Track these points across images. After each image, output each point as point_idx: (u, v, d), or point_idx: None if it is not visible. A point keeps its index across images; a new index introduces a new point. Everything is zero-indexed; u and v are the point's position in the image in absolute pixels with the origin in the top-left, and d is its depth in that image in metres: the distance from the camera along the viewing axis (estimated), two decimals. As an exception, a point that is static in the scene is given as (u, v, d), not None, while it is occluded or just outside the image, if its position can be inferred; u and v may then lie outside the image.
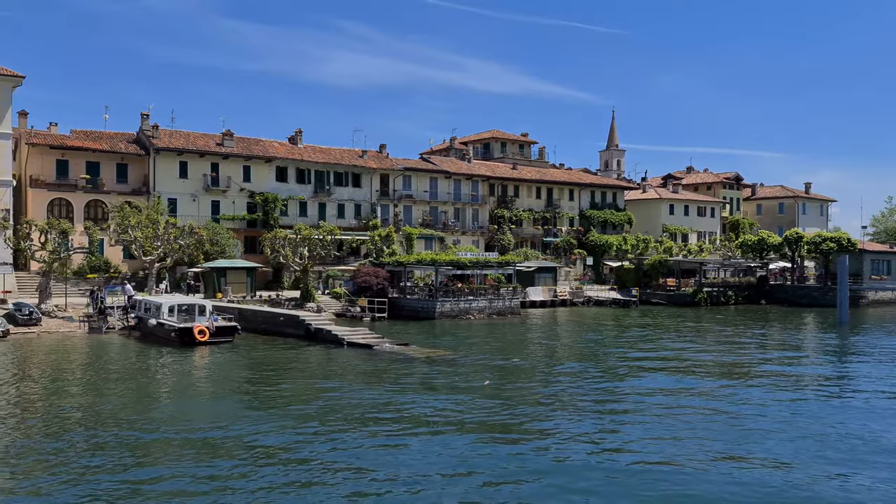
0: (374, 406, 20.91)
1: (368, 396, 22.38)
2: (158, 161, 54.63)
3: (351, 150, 66.95)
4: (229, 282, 47.78)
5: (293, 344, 34.98)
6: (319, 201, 62.43)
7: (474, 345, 36.10)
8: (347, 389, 23.76)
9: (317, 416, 19.67)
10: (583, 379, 25.94)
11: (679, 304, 62.39)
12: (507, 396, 22.44)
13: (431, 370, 27.61)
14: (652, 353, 33.12)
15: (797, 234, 66.30)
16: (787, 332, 44.50)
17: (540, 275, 63.12)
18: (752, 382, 25.43)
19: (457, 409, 20.59)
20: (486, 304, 50.85)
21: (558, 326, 47.18)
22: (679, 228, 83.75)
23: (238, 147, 58.99)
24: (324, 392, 23.35)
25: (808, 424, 18.92)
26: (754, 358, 32.27)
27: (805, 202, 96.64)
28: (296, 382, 25.38)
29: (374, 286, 49.78)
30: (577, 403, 21.56)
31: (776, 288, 67.46)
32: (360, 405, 21.07)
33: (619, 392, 23.46)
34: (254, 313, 39.58)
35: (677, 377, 26.15)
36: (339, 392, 23.32)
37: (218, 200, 57.34)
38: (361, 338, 33.88)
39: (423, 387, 24.10)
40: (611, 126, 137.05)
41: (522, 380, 25.75)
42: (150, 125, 55.75)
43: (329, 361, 30.10)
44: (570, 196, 78.69)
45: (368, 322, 46.53)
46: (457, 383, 24.63)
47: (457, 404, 21.14)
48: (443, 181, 69.63)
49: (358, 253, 61.67)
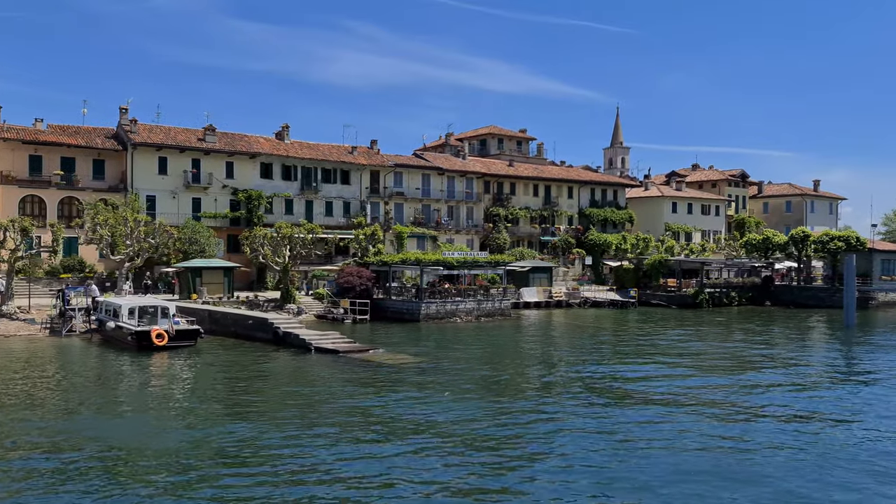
0: (316, 418, 18.79)
1: (315, 406, 20.27)
2: (136, 157, 52.70)
3: (340, 146, 64.87)
4: (205, 282, 45.75)
5: (260, 349, 32.92)
6: (306, 199, 60.38)
7: (452, 350, 33.93)
8: (296, 399, 21.65)
9: (251, 431, 17.57)
10: (558, 395, 23.72)
11: (680, 305, 59.99)
12: (464, 416, 20.26)
13: (395, 379, 25.47)
14: (637, 366, 30.82)
15: (803, 233, 63.73)
16: (787, 337, 42.06)
17: (534, 275, 60.84)
18: (742, 414, 23.15)
19: (407, 424, 18.44)
20: (475, 306, 48.63)
21: (548, 330, 44.93)
22: (682, 227, 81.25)
23: (221, 143, 57.01)
24: (268, 402, 21.24)
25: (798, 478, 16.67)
26: (744, 380, 29.95)
27: (814, 200, 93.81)
28: (244, 392, 23.28)
29: (356, 287, 47.66)
30: (542, 432, 19.34)
31: (781, 289, 64.91)
32: (300, 416, 18.95)
33: (598, 417, 21.23)
34: (224, 316, 37.56)
35: (664, 408, 23.76)
36: (285, 402, 21.21)
37: (199, 198, 55.37)
38: (331, 342, 31.78)
39: (377, 398, 21.94)
40: (615, 123, 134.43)
41: (490, 393, 23.53)
42: (129, 119, 53.82)
43: (290, 368, 28.01)
44: (568, 194, 76.36)
45: (349, 325, 44.49)
46: (416, 394, 22.47)
47: (408, 420, 18.99)
48: (436, 178, 67.46)
49: (347, 252, 59.60)
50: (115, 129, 55.44)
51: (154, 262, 49.52)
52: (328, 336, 32.76)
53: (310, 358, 30.33)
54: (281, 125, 62.42)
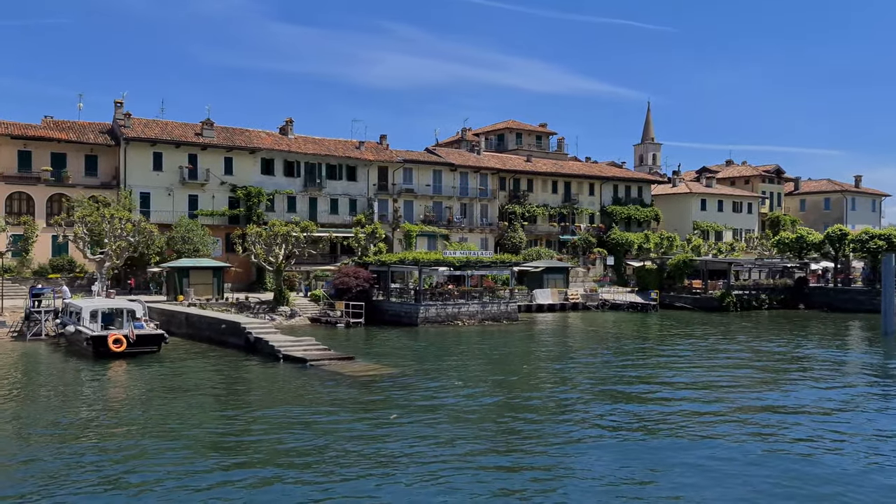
0: (232, 448, 15.98)
1: (257, 429, 17.47)
2: (130, 152, 50.66)
3: (346, 141, 62.23)
4: (193, 283, 43.40)
5: (229, 356, 30.31)
6: (310, 196, 57.84)
7: (442, 360, 30.93)
8: (226, 423, 18.88)
9: (173, 454, 14.83)
10: (548, 424, 20.51)
11: (705, 308, 56.08)
12: (410, 451, 17.25)
13: (360, 395, 22.57)
14: (643, 388, 27.45)
15: (841, 231, 59.27)
16: (819, 345, 38.15)
17: (549, 276, 57.43)
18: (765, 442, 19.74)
19: (347, 453, 15.52)
20: (479, 309, 45.51)
21: (557, 337, 41.61)
22: (711, 225, 76.99)
23: (219, 137, 54.73)
24: (193, 424, 18.50)
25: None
26: (770, 404, 26.38)
27: (855, 197, 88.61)
28: (175, 410, 20.57)
29: (353, 288, 44.90)
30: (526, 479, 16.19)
31: (816, 291, 60.51)
32: (213, 446, 16.16)
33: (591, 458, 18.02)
34: (199, 319, 35.08)
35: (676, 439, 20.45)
36: (211, 424, 18.45)
37: (196, 195, 53.14)
38: (302, 350, 29.01)
39: (328, 419, 19.06)
40: (646, 119, 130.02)
41: (455, 420, 20.42)
42: (123, 113, 51.79)
43: (245, 381, 25.27)
44: (590, 190, 72.71)
45: (343, 329, 41.76)
46: (365, 415, 19.49)
47: (353, 448, 16.07)
48: (447, 174, 64.44)
49: (352, 252, 56.93)
50: (110, 124, 53.54)
51: (146, 262, 47.48)
52: (301, 343, 29.99)
53: (276, 367, 27.60)
54: (285, 119, 60.05)
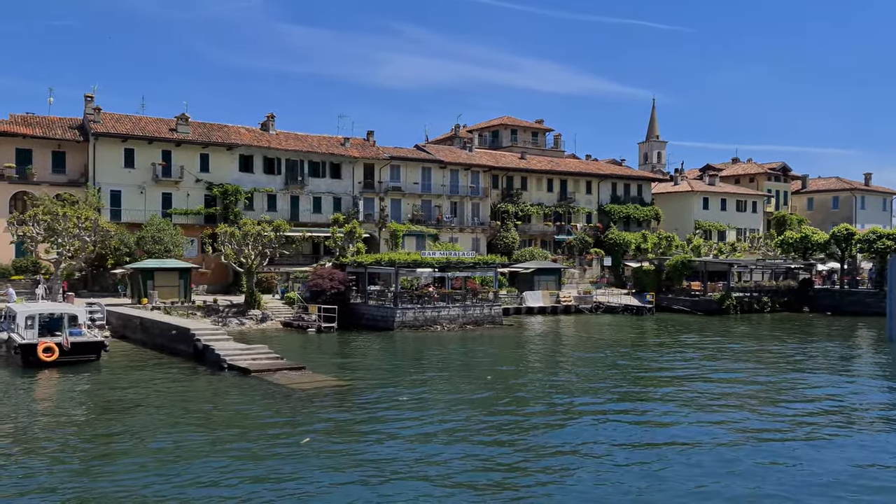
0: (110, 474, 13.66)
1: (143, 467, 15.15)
2: (99, 148, 48.55)
3: (330, 137, 59.94)
4: (158, 285, 41.21)
5: (176, 364, 28.06)
6: (292, 194, 55.58)
7: (407, 369, 28.60)
8: (121, 441, 16.58)
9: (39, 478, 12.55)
10: (496, 455, 18.07)
11: (704, 311, 53.41)
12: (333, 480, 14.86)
13: (288, 411, 20.22)
14: (619, 408, 24.88)
15: (847, 231, 56.43)
16: (816, 353, 35.52)
17: (540, 277, 54.93)
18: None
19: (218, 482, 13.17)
20: (460, 313, 43.08)
21: (538, 342, 39.15)
22: (714, 225, 74.23)
23: (195, 133, 52.56)
24: (90, 440, 16.20)
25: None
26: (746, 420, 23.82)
27: (864, 195, 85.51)
28: (81, 429, 18.30)
29: (327, 291, 42.58)
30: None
31: (822, 293, 57.68)
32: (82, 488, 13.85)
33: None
34: (153, 324, 32.87)
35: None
36: (107, 445, 16.13)
37: (170, 193, 50.98)
38: (250, 359, 26.71)
39: (238, 443, 16.71)
40: (651, 116, 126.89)
41: (386, 441, 18.00)
42: (93, 108, 49.71)
43: (178, 393, 22.93)
44: (587, 189, 70.11)
45: (313, 334, 39.46)
46: (282, 438, 17.10)
47: (228, 477, 13.71)
48: (437, 172, 62.03)
49: (334, 253, 54.65)
50: (81, 119, 51.52)
51: (114, 262, 45.42)
52: (252, 351, 27.69)
53: (217, 378, 25.31)
54: (266, 115, 57.77)
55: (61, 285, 39.07)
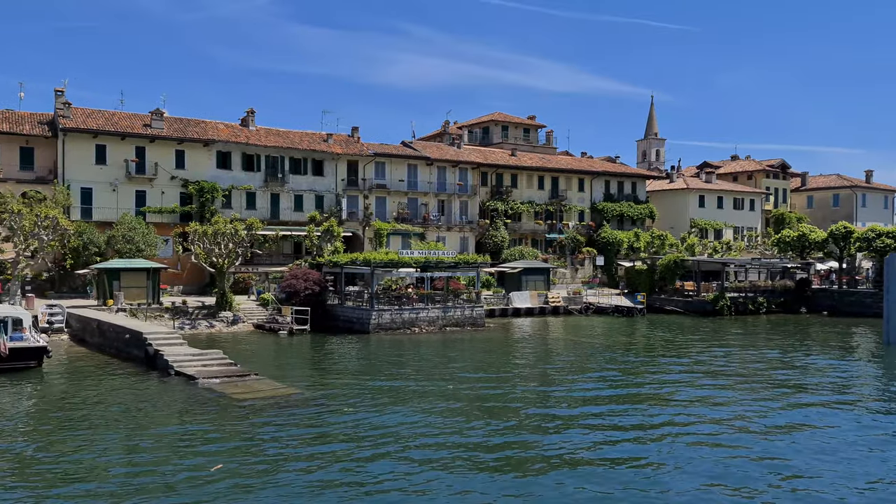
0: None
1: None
2: (69, 144, 46.91)
3: (313, 134, 58.21)
4: (124, 285, 39.54)
5: (125, 371, 26.39)
6: (272, 192, 53.89)
7: (372, 374, 26.91)
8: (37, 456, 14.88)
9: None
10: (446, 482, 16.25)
11: (697, 312, 51.61)
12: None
13: (218, 426, 18.52)
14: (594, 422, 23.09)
15: (846, 229, 54.57)
16: (808, 359, 33.75)
17: (527, 277, 53.19)
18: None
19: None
20: (440, 315, 41.35)
21: (519, 345, 37.40)
22: (710, 223, 72.36)
23: (170, 129, 50.89)
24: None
25: None
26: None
27: (865, 193, 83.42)
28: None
29: (300, 292, 40.89)
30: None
31: (820, 293, 55.82)
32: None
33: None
34: (110, 327, 31.18)
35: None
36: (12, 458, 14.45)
37: (144, 191, 49.33)
38: (201, 365, 25.03)
39: (141, 463, 15.02)
40: (649, 114, 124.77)
41: (322, 464, 16.28)
42: (63, 102, 48.08)
43: (114, 403, 21.22)
44: (579, 186, 68.31)
45: (285, 337, 37.76)
46: (194, 459, 15.38)
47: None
48: (423, 169, 60.29)
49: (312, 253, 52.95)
50: (52, 114, 49.89)
51: (83, 263, 43.83)
52: (204, 356, 25.99)
53: (163, 385, 23.61)
54: (246, 110, 56.10)
55: (19, 286, 37.38)
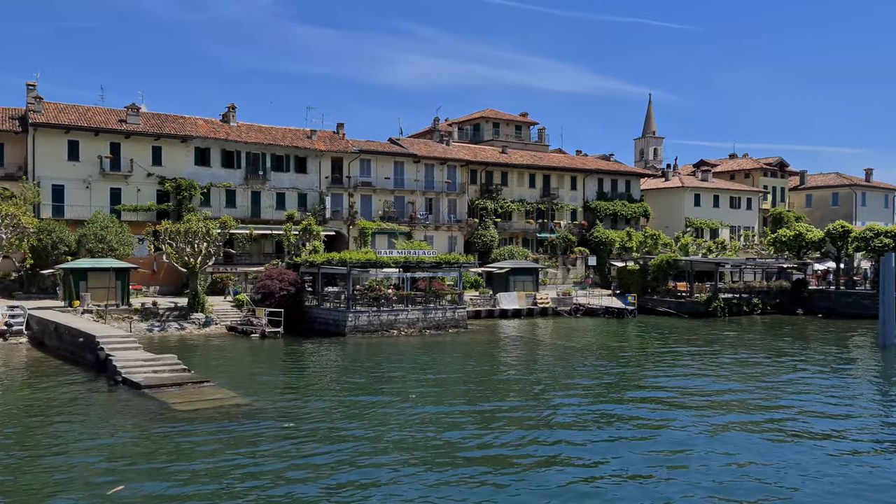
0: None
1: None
2: (39, 140, 45.41)
3: (296, 130, 56.69)
4: (91, 286, 38.06)
5: (72, 378, 24.86)
6: (252, 189, 52.39)
7: (330, 384, 25.40)
8: None
9: None
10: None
11: (690, 313, 50.09)
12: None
13: (155, 440, 17.01)
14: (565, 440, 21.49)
15: (843, 228, 53.02)
16: (799, 363, 32.21)
17: (515, 278, 51.68)
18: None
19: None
20: (419, 316, 39.83)
21: (499, 349, 35.87)
22: (705, 222, 70.77)
23: (147, 124, 49.39)
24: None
25: None
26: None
27: (865, 192, 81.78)
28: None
29: (275, 292, 39.39)
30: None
31: (817, 294, 54.25)
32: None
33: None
34: (66, 330, 29.68)
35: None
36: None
37: (118, 188, 47.85)
38: (151, 371, 23.51)
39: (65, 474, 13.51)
40: (647, 112, 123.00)
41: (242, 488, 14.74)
42: (34, 97, 46.52)
43: (39, 417, 19.72)
44: (571, 184, 66.77)
45: (257, 340, 36.26)
46: (88, 485, 13.88)
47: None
48: (410, 166, 58.76)
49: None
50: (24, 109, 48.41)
51: (53, 262, 42.38)
52: (156, 362, 24.47)
53: (106, 395, 22.09)
54: (227, 106, 54.63)
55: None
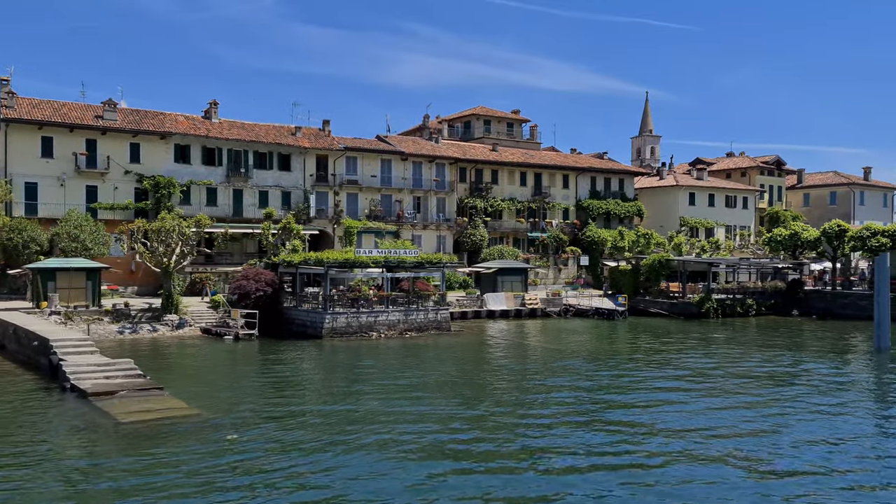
0: None
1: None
2: (11, 136, 44.14)
3: (280, 127, 55.42)
4: (60, 286, 36.80)
5: (21, 384, 23.63)
6: (234, 187, 51.12)
7: (300, 389, 24.14)
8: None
9: None
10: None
11: (683, 315, 48.81)
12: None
13: (85, 457, 15.77)
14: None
15: (839, 227, 51.73)
16: (790, 368, 30.93)
17: (504, 278, 50.44)
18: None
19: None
20: (400, 318, 38.56)
21: (481, 353, 34.61)
22: (700, 222, 69.50)
23: (125, 120, 48.13)
24: None
25: None
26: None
27: (863, 191, 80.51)
28: None
29: (251, 293, 38.13)
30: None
31: (813, 295, 52.96)
32: None
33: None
34: (26, 333, 28.42)
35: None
36: None
37: (94, 185, 46.58)
38: (103, 378, 22.21)
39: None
40: (644, 111, 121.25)
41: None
42: (6, 92, 45.27)
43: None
44: (563, 183, 65.50)
45: (230, 342, 35.00)
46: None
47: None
48: (398, 164, 57.49)
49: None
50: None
51: (23, 261, 41.14)
52: (110, 367, 23.18)
53: (49, 403, 20.84)
54: (209, 102, 53.31)
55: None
